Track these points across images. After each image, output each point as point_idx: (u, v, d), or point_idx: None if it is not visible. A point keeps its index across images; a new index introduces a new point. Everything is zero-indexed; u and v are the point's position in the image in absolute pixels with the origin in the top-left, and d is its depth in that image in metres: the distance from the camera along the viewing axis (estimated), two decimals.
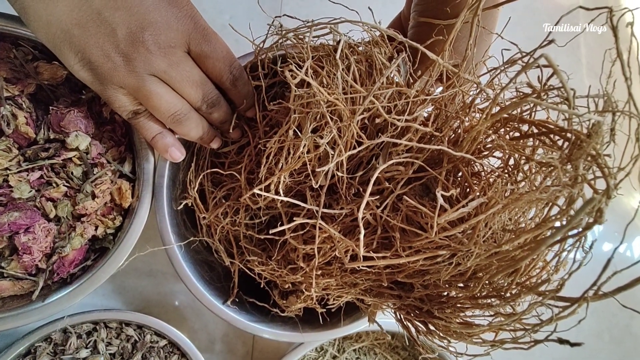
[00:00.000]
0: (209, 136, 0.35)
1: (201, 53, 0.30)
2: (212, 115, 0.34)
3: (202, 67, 0.31)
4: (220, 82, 0.32)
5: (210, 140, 0.36)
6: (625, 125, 0.19)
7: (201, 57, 0.30)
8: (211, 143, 0.36)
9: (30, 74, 0.38)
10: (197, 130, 0.34)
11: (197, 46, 0.29)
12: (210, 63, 0.30)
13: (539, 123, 0.22)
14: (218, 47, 0.30)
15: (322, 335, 0.40)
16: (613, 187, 0.18)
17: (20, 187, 0.36)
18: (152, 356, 0.44)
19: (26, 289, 0.37)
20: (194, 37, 0.29)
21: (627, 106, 0.19)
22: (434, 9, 0.29)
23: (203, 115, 0.34)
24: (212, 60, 0.30)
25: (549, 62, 0.18)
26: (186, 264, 0.38)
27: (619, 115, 0.19)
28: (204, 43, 0.29)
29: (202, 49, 0.30)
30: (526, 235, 0.20)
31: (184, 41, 0.29)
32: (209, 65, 0.31)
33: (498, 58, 0.27)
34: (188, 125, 0.33)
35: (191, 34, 0.29)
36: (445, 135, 0.25)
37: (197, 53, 0.30)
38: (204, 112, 0.33)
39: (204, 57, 0.30)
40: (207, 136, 0.35)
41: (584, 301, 0.20)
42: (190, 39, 0.29)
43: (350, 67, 0.27)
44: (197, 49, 0.30)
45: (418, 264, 0.25)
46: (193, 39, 0.29)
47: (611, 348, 0.66)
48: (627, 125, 0.19)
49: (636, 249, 0.73)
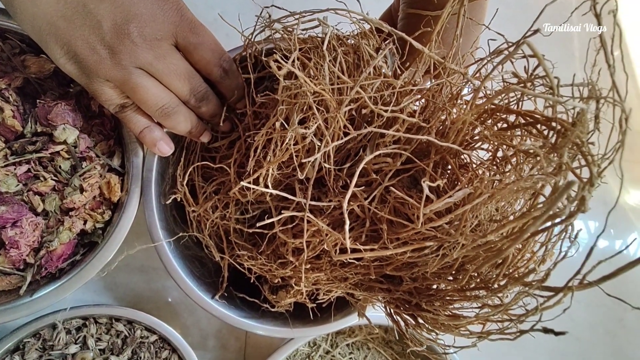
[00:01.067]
0: (198, 130, 0.35)
1: (188, 45, 0.29)
2: (201, 109, 0.33)
3: (190, 59, 0.31)
4: (209, 74, 0.32)
5: (200, 134, 0.35)
6: (610, 114, 0.19)
7: (188, 50, 0.30)
8: (201, 137, 0.35)
9: (17, 67, 0.38)
10: (185, 124, 0.33)
11: (184, 39, 0.29)
12: (198, 55, 0.30)
13: (525, 113, 0.22)
14: (206, 39, 0.30)
15: (312, 330, 0.40)
16: (596, 175, 0.18)
17: (7, 180, 0.36)
18: (142, 351, 0.44)
19: (14, 284, 0.37)
20: (181, 29, 0.29)
21: (611, 94, 0.19)
22: (422, 1, 0.29)
23: (192, 109, 0.33)
24: (200, 53, 0.30)
25: (533, 50, 0.18)
26: (176, 260, 0.38)
27: (602, 103, 0.19)
28: (191, 35, 0.29)
29: (189, 41, 0.29)
30: (511, 225, 0.20)
31: (170, 33, 0.28)
32: (197, 58, 0.30)
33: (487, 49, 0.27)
34: (176, 118, 0.32)
35: (178, 26, 0.28)
36: (432, 126, 0.25)
37: (184, 45, 0.29)
38: (192, 106, 0.33)
39: (191, 49, 0.30)
40: (196, 130, 0.35)
41: (569, 290, 0.20)
42: (177, 31, 0.29)
43: (337, 58, 0.27)
44: (184, 42, 0.29)
45: (406, 255, 0.25)
46: (180, 31, 0.29)
47: (605, 341, 0.67)
48: (612, 114, 0.19)
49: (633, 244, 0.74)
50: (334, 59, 0.27)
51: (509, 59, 0.21)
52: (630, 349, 0.68)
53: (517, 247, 0.23)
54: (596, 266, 0.20)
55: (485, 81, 0.21)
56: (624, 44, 0.71)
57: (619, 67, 0.18)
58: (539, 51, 0.19)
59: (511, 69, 0.23)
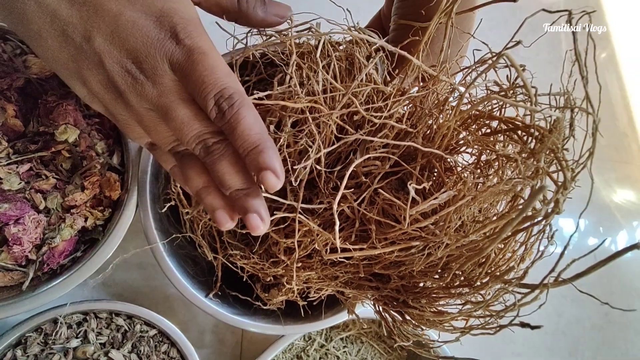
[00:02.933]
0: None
1: (183, 81, 0.22)
2: (214, 167, 0.23)
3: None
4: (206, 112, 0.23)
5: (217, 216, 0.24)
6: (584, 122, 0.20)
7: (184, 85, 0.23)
8: (220, 222, 0.24)
9: (18, 68, 0.38)
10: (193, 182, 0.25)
11: (180, 73, 0.22)
12: (191, 88, 0.22)
13: (507, 120, 0.23)
14: (200, 67, 0.22)
15: (304, 327, 0.41)
16: (570, 179, 0.19)
17: (9, 179, 0.37)
18: (142, 345, 0.45)
19: (16, 279, 0.38)
20: (176, 60, 0.22)
21: (585, 104, 0.20)
22: (413, 12, 0.30)
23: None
24: (192, 87, 0.22)
25: (511, 62, 0.19)
26: (170, 259, 0.39)
27: (576, 112, 0.21)
28: (186, 65, 0.22)
29: (184, 75, 0.22)
30: (492, 226, 0.22)
31: (168, 68, 0.22)
32: (192, 93, 0.23)
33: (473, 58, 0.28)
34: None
35: (173, 55, 0.22)
36: (420, 131, 0.26)
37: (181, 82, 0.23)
38: (203, 160, 0.24)
39: (185, 84, 0.22)
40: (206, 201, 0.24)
41: (544, 287, 0.21)
42: (173, 62, 0.22)
43: (331, 64, 0.28)
44: (180, 78, 0.22)
45: (393, 255, 0.26)
46: (175, 61, 0.22)
47: (592, 335, 0.69)
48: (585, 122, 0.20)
49: (620, 243, 0.75)
50: (328, 65, 0.28)
51: (492, 68, 0.22)
52: (616, 343, 0.70)
53: (498, 246, 0.25)
54: (570, 264, 0.21)
55: (468, 90, 0.22)
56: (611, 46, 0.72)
57: (604, 69, 0.19)
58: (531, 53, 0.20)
59: (495, 77, 0.24)
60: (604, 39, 0.72)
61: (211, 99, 0.22)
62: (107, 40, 0.22)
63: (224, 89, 0.22)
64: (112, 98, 0.23)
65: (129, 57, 0.22)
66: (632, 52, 0.74)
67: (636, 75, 0.74)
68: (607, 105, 0.73)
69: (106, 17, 0.21)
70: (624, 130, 0.75)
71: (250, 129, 0.22)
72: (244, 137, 0.21)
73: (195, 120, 0.23)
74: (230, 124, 0.22)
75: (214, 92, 0.21)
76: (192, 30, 0.22)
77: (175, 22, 0.22)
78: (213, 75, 0.21)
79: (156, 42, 0.22)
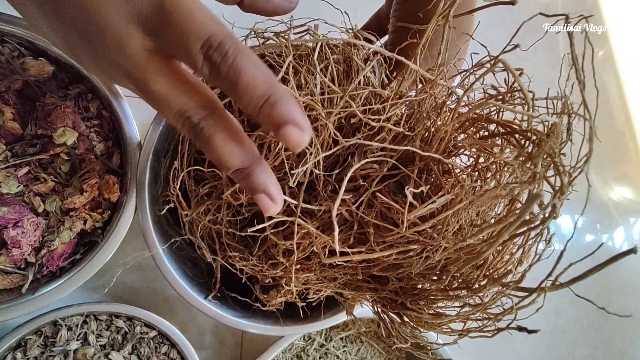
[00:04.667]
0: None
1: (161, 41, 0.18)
2: (207, 153, 0.20)
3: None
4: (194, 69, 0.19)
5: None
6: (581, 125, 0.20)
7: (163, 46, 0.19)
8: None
9: (16, 70, 0.38)
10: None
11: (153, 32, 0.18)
12: (171, 47, 0.18)
13: (504, 123, 0.23)
14: (176, 18, 0.17)
15: (303, 328, 0.41)
16: (567, 184, 0.19)
17: (8, 182, 0.37)
18: (142, 347, 0.46)
19: (16, 282, 0.38)
20: (147, 20, 0.18)
21: (582, 109, 0.20)
22: (412, 15, 0.30)
23: None
24: (171, 42, 0.18)
25: (508, 67, 0.19)
26: (169, 261, 0.39)
27: (574, 117, 0.21)
28: (156, 18, 0.18)
29: (159, 33, 0.18)
30: (489, 229, 0.22)
31: (142, 33, 0.18)
32: (173, 53, 0.19)
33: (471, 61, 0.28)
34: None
35: (145, 17, 0.18)
36: (417, 134, 0.26)
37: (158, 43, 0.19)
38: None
39: (162, 41, 0.18)
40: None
41: (542, 291, 0.21)
42: (144, 25, 0.18)
43: (328, 67, 0.28)
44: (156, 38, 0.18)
45: (391, 258, 0.26)
46: (147, 23, 0.18)
47: (589, 333, 0.69)
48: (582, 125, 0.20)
49: (617, 240, 0.76)
50: (325, 68, 0.28)
51: (490, 72, 0.22)
52: (614, 341, 0.70)
53: (496, 249, 0.25)
54: (567, 268, 0.22)
55: (465, 94, 0.22)
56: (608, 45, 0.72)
57: (601, 68, 0.19)
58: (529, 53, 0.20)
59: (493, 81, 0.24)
60: (602, 38, 0.72)
61: (198, 52, 0.17)
62: (73, 10, 0.18)
63: (211, 35, 0.17)
64: (98, 73, 0.21)
65: (92, 26, 0.18)
66: (629, 51, 0.74)
67: (633, 74, 0.75)
68: (605, 104, 0.73)
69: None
70: (622, 129, 0.75)
71: (254, 79, 0.17)
72: (250, 91, 0.17)
73: (174, 95, 0.19)
74: (230, 79, 0.17)
75: (199, 43, 0.17)
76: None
77: None
78: (194, 21, 0.17)
79: (117, 1, 0.17)
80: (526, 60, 0.66)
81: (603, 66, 0.72)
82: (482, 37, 0.31)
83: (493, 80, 0.26)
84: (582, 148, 0.21)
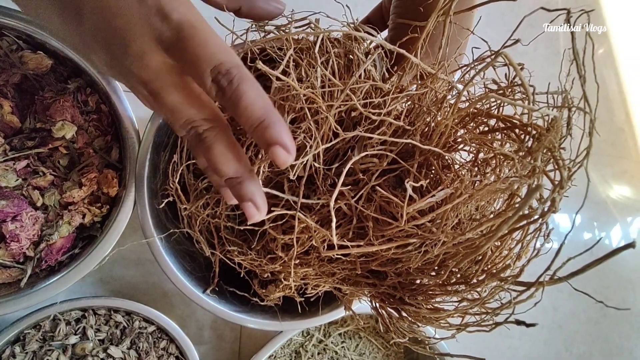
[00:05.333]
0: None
1: (177, 60, 0.21)
2: (207, 158, 0.23)
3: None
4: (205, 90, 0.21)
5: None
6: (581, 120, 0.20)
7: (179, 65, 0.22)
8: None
9: (15, 64, 0.38)
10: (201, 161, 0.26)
11: (170, 52, 0.21)
12: (186, 67, 0.21)
13: (504, 118, 0.23)
14: (191, 43, 0.20)
15: (301, 323, 0.41)
16: (566, 178, 0.19)
17: (6, 175, 0.36)
18: (140, 342, 0.46)
19: (14, 276, 0.38)
20: (165, 38, 0.21)
21: (582, 103, 0.20)
22: (412, 12, 0.30)
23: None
24: (188, 66, 0.21)
25: (509, 61, 0.19)
26: (167, 255, 0.39)
27: (574, 111, 0.21)
28: (177, 44, 0.21)
29: (176, 55, 0.21)
30: (488, 224, 0.22)
31: (155, 47, 0.21)
32: (187, 72, 0.21)
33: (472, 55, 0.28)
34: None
35: (161, 34, 0.21)
36: (418, 128, 0.26)
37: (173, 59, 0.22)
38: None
39: (180, 63, 0.21)
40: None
41: (540, 285, 0.21)
42: (161, 40, 0.21)
43: (329, 60, 0.28)
44: (172, 55, 0.21)
45: (390, 252, 0.26)
46: (164, 40, 0.21)
47: (587, 328, 0.70)
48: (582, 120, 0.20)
49: (614, 237, 0.76)
50: (326, 61, 0.28)
51: (490, 66, 0.22)
52: (611, 336, 0.71)
53: (495, 244, 0.25)
54: (566, 263, 0.22)
55: (465, 88, 0.22)
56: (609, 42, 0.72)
57: (602, 65, 0.19)
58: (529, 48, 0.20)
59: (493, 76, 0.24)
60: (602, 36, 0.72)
61: (208, 76, 0.20)
62: (96, 20, 0.21)
63: (220, 64, 0.20)
64: (112, 75, 0.23)
65: (115, 39, 0.21)
66: (630, 48, 0.74)
67: (634, 71, 0.75)
68: (605, 101, 0.73)
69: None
70: (621, 125, 0.75)
71: (253, 104, 0.20)
72: (248, 113, 0.20)
73: (185, 106, 0.22)
74: (232, 101, 0.20)
75: (209, 69, 0.20)
76: (179, 3, 0.21)
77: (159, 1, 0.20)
78: (207, 50, 0.20)
79: (140, 19, 0.20)
80: (526, 55, 0.66)
81: (603, 63, 0.72)
82: (483, 33, 0.31)
83: (494, 75, 0.26)
84: (581, 143, 0.21)
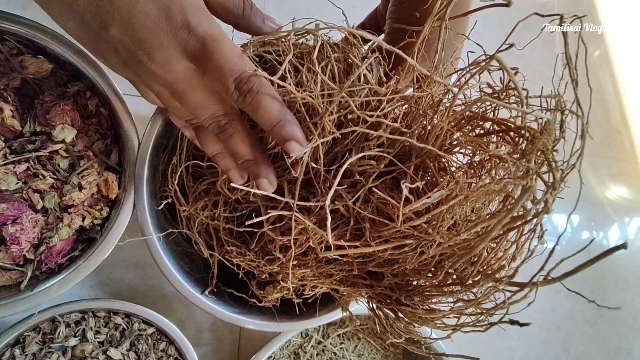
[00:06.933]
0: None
1: (200, 67, 0.25)
2: (227, 144, 0.28)
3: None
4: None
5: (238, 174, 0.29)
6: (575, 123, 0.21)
7: (202, 71, 0.25)
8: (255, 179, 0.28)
9: (15, 68, 0.38)
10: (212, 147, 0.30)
11: (195, 60, 0.24)
12: (210, 75, 0.24)
13: (499, 121, 0.24)
14: (215, 55, 0.24)
15: (298, 324, 0.41)
16: (559, 179, 0.20)
17: (7, 179, 0.37)
18: (140, 343, 0.46)
19: (14, 279, 0.38)
20: (191, 50, 0.24)
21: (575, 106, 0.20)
22: (408, 17, 0.30)
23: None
24: (211, 75, 0.24)
25: (503, 65, 0.19)
26: (166, 256, 0.39)
27: (567, 114, 0.21)
28: (201, 55, 0.24)
29: (200, 62, 0.24)
30: (483, 225, 0.22)
31: (180, 56, 0.24)
32: (209, 80, 0.25)
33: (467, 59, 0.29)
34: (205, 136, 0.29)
35: (187, 45, 0.24)
36: (414, 131, 0.27)
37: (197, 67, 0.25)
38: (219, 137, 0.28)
39: (203, 71, 0.25)
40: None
41: (534, 286, 0.21)
42: (187, 51, 0.24)
43: (328, 65, 0.29)
44: (196, 63, 0.24)
45: (387, 253, 0.26)
46: (190, 51, 0.24)
47: (584, 329, 0.70)
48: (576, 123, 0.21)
49: (612, 237, 0.76)
50: (326, 66, 0.29)
51: (485, 70, 0.23)
52: (609, 337, 0.71)
53: (490, 245, 0.25)
54: (559, 263, 0.22)
55: (460, 91, 0.23)
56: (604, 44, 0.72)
57: (597, 66, 0.19)
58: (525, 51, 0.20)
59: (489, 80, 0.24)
60: (598, 38, 0.72)
61: (231, 84, 0.24)
62: (121, 31, 0.23)
63: (242, 74, 0.24)
64: (130, 76, 0.26)
65: (141, 47, 0.23)
66: (625, 50, 0.75)
67: (629, 72, 0.75)
68: (601, 103, 0.74)
69: (120, 9, 0.23)
70: (617, 127, 0.76)
71: (271, 107, 0.24)
72: (267, 115, 0.24)
73: (208, 103, 0.26)
74: (252, 106, 0.24)
75: (232, 78, 0.24)
76: (203, 19, 0.24)
77: (185, 12, 0.23)
78: (229, 61, 0.24)
79: (169, 32, 0.23)
80: (522, 58, 0.66)
81: (599, 65, 0.72)
82: (478, 36, 0.31)
83: (489, 79, 0.26)
84: (574, 145, 0.22)
